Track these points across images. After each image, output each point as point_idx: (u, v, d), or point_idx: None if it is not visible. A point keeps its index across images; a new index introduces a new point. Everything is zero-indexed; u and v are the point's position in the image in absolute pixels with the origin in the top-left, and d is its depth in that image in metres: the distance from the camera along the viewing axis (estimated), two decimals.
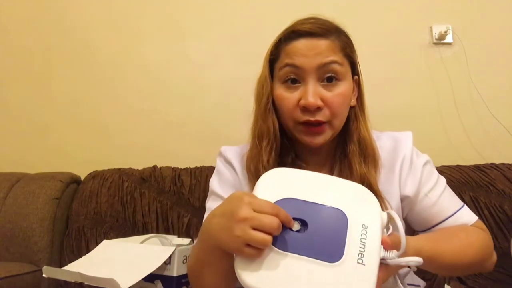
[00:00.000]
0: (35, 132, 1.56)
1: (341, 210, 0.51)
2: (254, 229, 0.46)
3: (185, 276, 0.82)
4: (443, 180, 0.77)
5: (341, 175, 0.73)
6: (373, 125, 0.78)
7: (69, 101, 1.56)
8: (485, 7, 1.52)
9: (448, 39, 1.50)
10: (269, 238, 0.46)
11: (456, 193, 1.13)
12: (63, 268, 0.73)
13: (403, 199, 0.74)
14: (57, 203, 1.25)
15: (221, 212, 0.52)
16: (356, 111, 0.75)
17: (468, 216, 0.74)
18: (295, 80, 0.70)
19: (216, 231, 0.51)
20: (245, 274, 0.47)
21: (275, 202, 0.51)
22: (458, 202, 0.75)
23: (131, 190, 1.26)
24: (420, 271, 0.82)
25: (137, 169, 1.33)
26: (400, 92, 1.49)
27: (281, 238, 0.48)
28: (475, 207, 1.15)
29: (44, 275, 0.73)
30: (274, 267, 0.47)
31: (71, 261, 0.86)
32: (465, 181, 1.19)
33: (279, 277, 0.46)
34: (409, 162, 0.75)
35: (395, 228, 0.51)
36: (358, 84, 0.77)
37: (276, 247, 0.48)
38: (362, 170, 0.71)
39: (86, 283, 0.69)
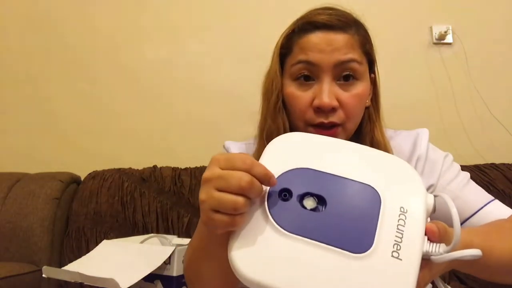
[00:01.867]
0: (35, 132, 1.56)
1: (373, 187, 0.40)
2: (220, 190, 0.38)
3: None
4: (466, 174, 0.70)
5: None
6: None
7: (69, 102, 1.56)
8: (485, 7, 1.52)
9: (448, 39, 1.50)
10: (239, 199, 0.37)
11: None
12: (63, 268, 0.73)
13: None
14: (57, 203, 1.25)
15: None
16: (371, 112, 0.70)
17: (502, 209, 0.64)
18: (308, 77, 0.63)
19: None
20: (239, 260, 0.37)
21: (284, 173, 0.40)
22: (487, 196, 0.67)
23: (131, 190, 1.26)
24: None
25: (137, 169, 1.33)
26: (400, 92, 1.49)
27: (289, 217, 0.38)
28: None
29: (44, 275, 0.73)
30: (279, 254, 0.36)
31: (71, 261, 0.86)
32: None
33: (285, 266, 0.35)
34: (425, 158, 0.69)
35: (445, 216, 0.40)
36: (374, 83, 0.71)
37: (282, 229, 0.37)
38: None
39: (86, 283, 0.69)
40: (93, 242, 1.19)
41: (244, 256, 0.37)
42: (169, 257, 0.79)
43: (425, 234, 0.38)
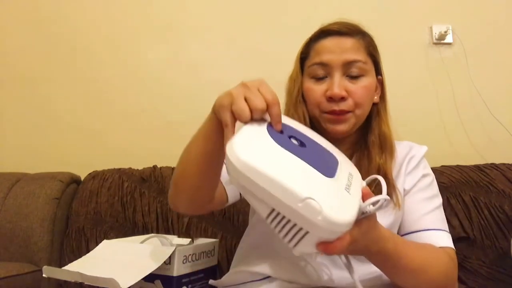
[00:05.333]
0: (35, 132, 1.56)
1: (333, 155, 0.58)
2: (245, 99, 0.51)
3: (185, 276, 0.82)
4: (439, 200, 0.80)
5: (359, 163, 0.78)
6: None
7: (69, 101, 1.56)
8: (485, 7, 1.52)
9: (448, 39, 1.50)
10: (247, 112, 0.50)
11: (456, 193, 1.13)
12: (63, 268, 0.73)
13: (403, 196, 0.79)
14: (57, 203, 1.25)
15: None
16: (379, 108, 0.82)
17: (445, 240, 0.74)
18: (322, 75, 0.77)
19: (220, 95, 0.57)
20: (238, 147, 0.44)
21: (285, 124, 0.55)
22: (443, 225, 0.77)
23: (131, 190, 1.26)
24: None
25: (137, 169, 1.33)
26: (400, 92, 1.48)
27: (283, 139, 0.50)
28: (475, 207, 1.15)
29: (44, 275, 0.73)
30: (273, 155, 0.46)
31: (71, 261, 0.86)
32: (465, 181, 1.19)
33: (275, 163, 0.44)
34: (415, 164, 0.82)
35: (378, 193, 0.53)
36: (381, 84, 0.83)
37: (278, 144, 0.48)
38: (380, 160, 0.77)
39: (86, 283, 0.69)
40: (93, 242, 1.19)
41: (242, 145, 0.44)
42: (169, 257, 0.79)
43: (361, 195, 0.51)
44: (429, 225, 0.75)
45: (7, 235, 1.20)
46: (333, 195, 0.46)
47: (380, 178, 0.55)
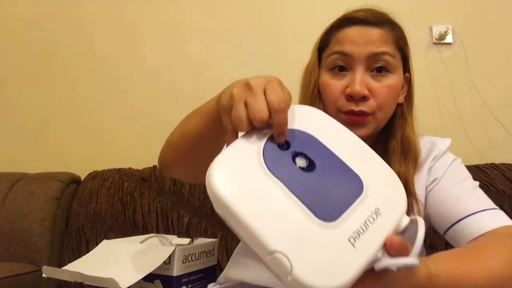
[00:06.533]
0: (35, 132, 1.56)
1: (360, 178, 0.42)
2: (246, 104, 0.42)
3: (185, 276, 0.82)
4: (475, 182, 0.70)
5: None
6: None
7: (69, 101, 1.56)
8: (485, 7, 1.52)
9: (448, 39, 1.50)
10: (245, 123, 0.41)
11: None
12: (63, 268, 0.73)
13: (427, 193, 0.70)
14: (57, 203, 1.25)
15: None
16: (404, 109, 0.73)
17: (499, 218, 0.61)
18: (342, 67, 0.67)
19: (228, 88, 0.48)
20: (216, 172, 0.37)
21: (294, 129, 0.43)
22: (490, 203, 0.66)
23: (131, 190, 1.26)
24: None
25: (137, 169, 1.33)
26: None
27: (277, 162, 0.39)
28: None
29: (44, 275, 0.73)
30: (253, 185, 0.37)
31: (71, 261, 0.86)
32: None
33: (253, 197, 0.36)
34: (439, 158, 0.73)
35: (413, 236, 0.40)
36: (408, 82, 0.74)
37: (266, 166, 0.39)
38: (401, 169, 0.67)
39: (86, 282, 0.69)
40: (93, 242, 1.19)
41: (222, 171, 0.37)
42: (169, 257, 0.79)
43: (385, 243, 0.38)
44: (474, 207, 0.63)
45: (7, 235, 1.20)
46: (320, 250, 0.35)
47: (420, 220, 0.41)
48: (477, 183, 0.70)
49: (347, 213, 0.38)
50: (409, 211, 0.66)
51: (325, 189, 0.39)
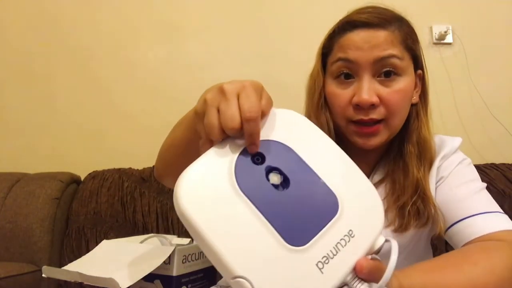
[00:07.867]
0: (35, 132, 1.56)
1: (336, 198, 0.40)
2: (218, 110, 0.39)
3: (184, 275, 0.82)
4: (482, 183, 0.67)
5: (393, 177, 0.66)
6: None
7: (69, 101, 1.56)
8: (485, 7, 1.52)
9: (448, 39, 1.50)
10: (216, 130, 0.38)
11: None
12: (63, 268, 0.73)
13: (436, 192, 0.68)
14: (57, 203, 1.25)
15: None
16: (418, 109, 0.69)
17: (500, 222, 0.59)
18: (348, 75, 0.63)
19: (205, 93, 0.45)
20: (185, 193, 0.35)
21: (269, 140, 0.41)
22: (495, 206, 0.64)
23: (131, 190, 1.26)
24: None
25: (137, 169, 1.34)
26: None
27: (249, 179, 0.37)
28: None
29: (44, 275, 0.73)
30: (221, 204, 0.36)
31: (71, 261, 0.86)
32: None
33: (220, 219, 0.35)
34: (447, 157, 0.70)
35: (388, 255, 0.39)
36: (422, 79, 0.71)
37: (237, 184, 0.37)
38: (418, 174, 0.64)
39: (85, 282, 0.69)
40: (93, 242, 1.19)
41: (190, 188, 0.36)
42: (169, 257, 0.79)
43: (355, 267, 0.37)
44: (475, 210, 0.61)
45: (7, 235, 1.20)
46: (286, 275, 0.34)
47: (394, 244, 0.38)
48: (485, 185, 0.67)
49: (318, 237, 0.37)
50: (427, 220, 0.64)
51: (298, 211, 0.38)
